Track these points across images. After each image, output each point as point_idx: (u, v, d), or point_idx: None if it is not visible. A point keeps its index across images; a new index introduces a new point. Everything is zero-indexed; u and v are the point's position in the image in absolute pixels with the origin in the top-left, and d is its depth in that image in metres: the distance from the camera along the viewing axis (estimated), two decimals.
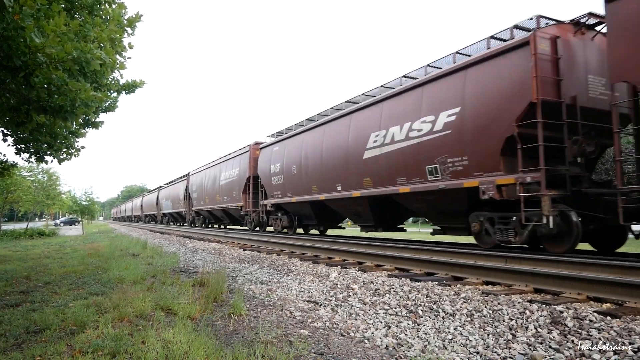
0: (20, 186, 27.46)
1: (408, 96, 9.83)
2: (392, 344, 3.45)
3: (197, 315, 4.27)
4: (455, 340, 3.46)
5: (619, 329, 3.25)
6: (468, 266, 5.77)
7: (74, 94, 4.68)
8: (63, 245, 16.05)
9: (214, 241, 14.69)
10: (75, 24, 4.47)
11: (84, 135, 7.74)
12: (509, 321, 3.73)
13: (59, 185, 34.21)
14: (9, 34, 3.95)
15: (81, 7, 5.66)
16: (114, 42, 5.39)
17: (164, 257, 9.82)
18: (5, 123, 6.21)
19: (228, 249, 11.87)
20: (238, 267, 8.14)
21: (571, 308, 3.89)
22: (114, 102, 7.69)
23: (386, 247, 8.97)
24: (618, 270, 4.97)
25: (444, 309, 4.24)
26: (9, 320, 4.23)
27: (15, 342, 3.57)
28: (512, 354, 3.07)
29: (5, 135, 6.88)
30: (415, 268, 6.47)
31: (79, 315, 4.09)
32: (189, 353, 3.06)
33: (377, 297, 4.93)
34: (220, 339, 3.57)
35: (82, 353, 3.17)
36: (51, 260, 10.23)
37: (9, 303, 5.07)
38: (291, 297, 5.26)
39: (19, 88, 4.67)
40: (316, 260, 8.11)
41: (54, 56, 4.25)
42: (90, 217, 32.16)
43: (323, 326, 4.02)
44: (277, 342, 3.47)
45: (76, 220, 51.22)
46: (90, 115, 6.90)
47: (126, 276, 6.60)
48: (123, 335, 3.49)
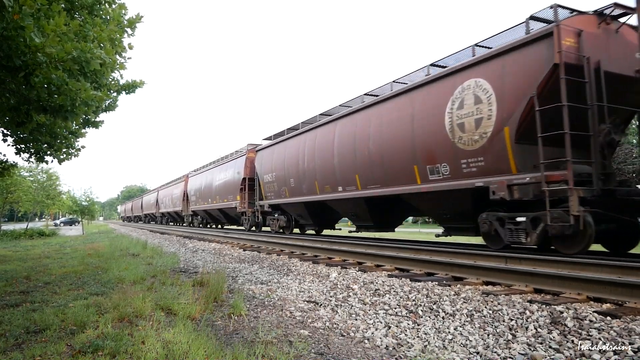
0: (20, 186, 27.46)
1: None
2: (392, 344, 3.45)
3: (197, 315, 4.27)
4: (455, 340, 3.46)
5: (619, 329, 3.25)
6: (468, 266, 5.77)
7: (74, 93, 4.68)
8: (63, 246, 16.04)
9: (214, 241, 14.69)
10: (75, 24, 4.47)
11: (84, 135, 7.75)
12: (509, 321, 3.73)
13: (58, 185, 34.23)
14: (9, 33, 3.95)
15: (81, 7, 5.66)
16: (114, 42, 5.39)
17: (164, 257, 9.82)
18: (5, 123, 6.21)
19: (228, 249, 11.87)
20: (238, 267, 8.14)
21: (571, 308, 3.88)
22: (114, 102, 7.69)
23: (386, 247, 8.96)
24: (618, 270, 4.97)
25: (444, 309, 4.24)
26: (9, 320, 4.23)
27: (15, 342, 3.57)
28: (512, 354, 3.06)
29: (5, 135, 6.88)
30: (415, 268, 6.46)
31: (79, 315, 4.09)
32: (189, 353, 3.06)
33: (377, 297, 4.93)
34: (220, 339, 3.57)
35: (82, 353, 3.17)
36: (51, 260, 10.23)
37: (9, 303, 5.07)
38: (291, 297, 5.26)
39: (19, 88, 4.67)
40: (316, 261, 8.11)
41: (54, 56, 4.25)
42: (90, 217, 32.12)
43: (323, 326, 4.02)
44: (277, 342, 3.47)
45: (76, 220, 51.20)
46: (90, 115, 6.89)
47: (126, 276, 6.60)
48: (123, 335, 3.49)
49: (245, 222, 19.97)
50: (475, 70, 8.00)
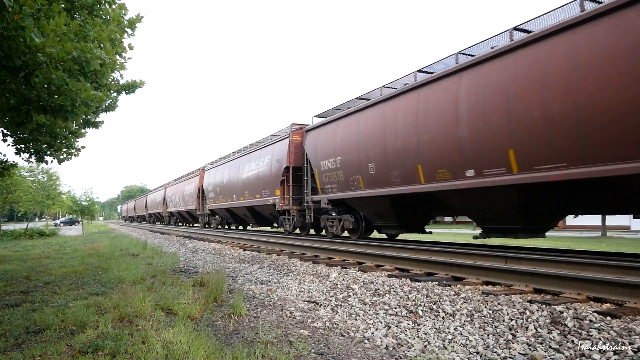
0: (21, 186, 27.47)
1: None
2: (392, 344, 3.45)
3: (197, 316, 4.27)
4: (455, 340, 3.46)
5: (619, 329, 3.25)
6: (468, 266, 5.77)
7: (74, 93, 4.68)
8: (63, 246, 16.05)
9: (214, 241, 14.69)
10: (75, 24, 4.47)
11: (84, 135, 7.75)
12: (509, 321, 3.73)
13: (59, 185, 34.26)
14: (9, 33, 3.95)
15: (81, 7, 5.65)
16: (114, 43, 5.39)
17: (164, 257, 9.83)
18: (5, 123, 6.22)
19: (228, 249, 11.87)
20: (238, 267, 8.14)
21: (571, 308, 3.89)
22: (114, 102, 7.69)
23: (386, 247, 8.97)
24: (618, 270, 4.98)
25: (444, 309, 4.24)
26: (9, 320, 4.23)
27: (15, 342, 3.57)
28: (512, 354, 3.07)
29: (5, 135, 6.88)
30: (415, 268, 6.46)
31: (79, 315, 4.09)
32: (189, 353, 3.06)
33: (377, 297, 4.93)
34: (220, 339, 3.57)
35: (82, 353, 3.18)
36: (51, 260, 10.23)
37: (9, 303, 5.07)
38: (291, 297, 5.26)
39: (19, 88, 4.67)
40: (316, 261, 8.11)
41: (54, 56, 4.25)
42: (90, 217, 32.13)
43: (323, 326, 4.02)
44: (277, 342, 3.47)
45: (76, 220, 51.21)
46: (90, 115, 6.89)
47: (126, 276, 6.61)
48: (123, 335, 3.49)
49: (287, 224, 15.61)
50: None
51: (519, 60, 7.08)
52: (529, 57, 6.92)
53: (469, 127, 7.94)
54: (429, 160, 8.86)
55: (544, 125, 6.67)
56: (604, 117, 5.92)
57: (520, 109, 7.03)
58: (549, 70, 6.59)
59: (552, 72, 6.54)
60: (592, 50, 6.04)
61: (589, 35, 6.10)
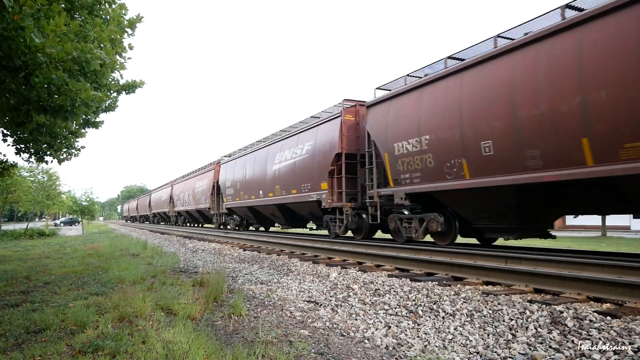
0: (20, 186, 27.51)
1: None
2: (392, 344, 3.45)
3: (197, 315, 4.28)
4: (455, 340, 3.46)
5: (619, 329, 3.25)
6: (468, 266, 5.78)
7: (74, 93, 4.68)
8: (63, 246, 16.05)
9: (214, 241, 14.69)
10: (75, 24, 4.48)
11: (84, 135, 7.75)
12: (509, 321, 3.73)
13: (59, 185, 34.30)
14: (9, 34, 3.95)
15: (81, 7, 5.66)
16: (114, 43, 5.40)
17: (164, 257, 9.83)
18: (5, 123, 6.22)
19: (228, 249, 11.87)
20: (238, 267, 8.15)
21: (571, 308, 3.89)
22: (114, 102, 7.70)
23: (386, 247, 8.97)
24: (618, 270, 4.98)
25: (444, 309, 4.24)
26: (9, 320, 4.23)
27: (15, 342, 3.57)
28: (512, 354, 3.07)
29: (5, 135, 6.88)
30: (415, 268, 6.47)
31: (79, 315, 4.10)
32: (189, 353, 3.06)
33: (377, 297, 4.93)
34: (221, 339, 3.57)
35: (82, 353, 3.18)
36: (51, 260, 10.23)
37: (9, 303, 5.07)
38: (291, 297, 5.26)
39: (19, 88, 4.67)
40: (316, 261, 8.11)
41: (54, 56, 4.25)
42: (90, 217, 32.15)
43: (323, 326, 4.02)
44: (277, 342, 3.47)
45: (76, 220, 51.21)
46: (90, 115, 6.90)
47: (126, 276, 6.61)
48: (123, 335, 3.49)
49: (335, 225, 12.68)
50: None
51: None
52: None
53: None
54: (606, 130, 6.03)
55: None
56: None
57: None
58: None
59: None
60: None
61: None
